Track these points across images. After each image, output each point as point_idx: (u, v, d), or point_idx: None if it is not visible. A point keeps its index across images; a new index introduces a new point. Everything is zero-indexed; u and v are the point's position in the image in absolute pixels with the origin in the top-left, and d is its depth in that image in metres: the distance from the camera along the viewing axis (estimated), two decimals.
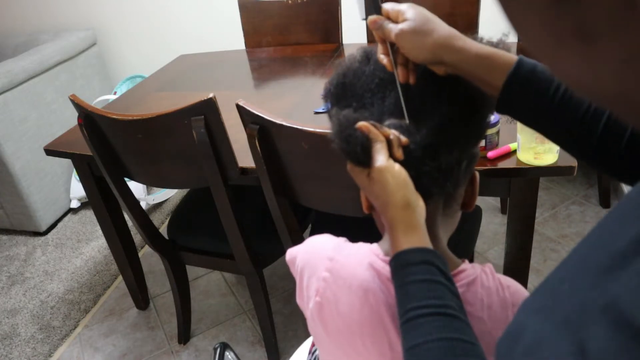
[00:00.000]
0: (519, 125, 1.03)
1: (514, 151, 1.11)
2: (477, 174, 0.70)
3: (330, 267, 0.66)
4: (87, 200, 1.99)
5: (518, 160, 1.08)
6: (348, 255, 0.67)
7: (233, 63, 1.98)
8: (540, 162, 1.06)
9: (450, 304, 0.54)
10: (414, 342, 0.53)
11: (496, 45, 0.65)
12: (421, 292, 0.55)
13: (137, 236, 2.12)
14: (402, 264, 0.57)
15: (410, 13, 0.63)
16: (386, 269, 0.63)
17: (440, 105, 0.63)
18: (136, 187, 2.23)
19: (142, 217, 1.46)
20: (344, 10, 2.03)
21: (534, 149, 1.05)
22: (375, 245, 0.68)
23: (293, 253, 0.72)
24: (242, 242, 1.34)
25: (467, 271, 0.64)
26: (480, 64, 0.61)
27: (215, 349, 1.00)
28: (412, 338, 0.53)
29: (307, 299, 0.68)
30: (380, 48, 0.66)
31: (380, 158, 0.60)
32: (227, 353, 1.01)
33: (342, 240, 0.70)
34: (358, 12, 0.64)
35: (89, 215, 2.45)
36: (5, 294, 2.05)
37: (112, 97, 2.28)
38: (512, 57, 0.62)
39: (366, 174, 0.61)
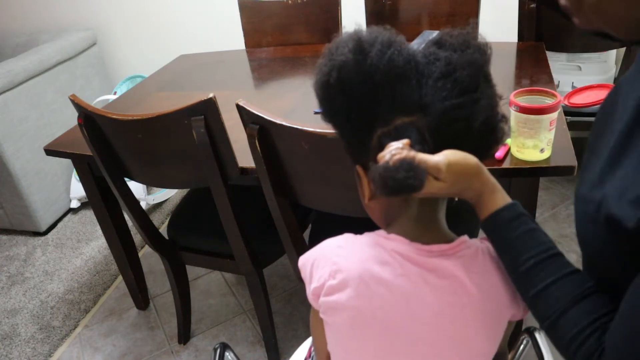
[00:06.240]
0: (512, 115, 1.03)
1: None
2: None
3: (339, 253, 0.69)
4: (87, 200, 1.99)
5: (518, 160, 1.08)
6: (355, 240, 0.71)
7: (233, 63, 1.98)
8: (522, 156, 1.07)
9: (552, 245, 0.63)
10: (544, 283, 0.61)
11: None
12: (529, 242, 0.63)
13: (137, 236, 2.12)
14: (503, 221, 0.65)
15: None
16: (388, 243, 0.67)
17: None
18: (136, 187, 2.23)
19: (142, 217, 1.46)
20: (344, 10, 2.03)
21: (518, 140, 1.06)
22: (378, 231, 0.72)
23: (304, 256, 0.73)
24: (242, 242, 1.34)
25: (467, 242, 0.69)
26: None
27: (215, 349, 1.00)
28: (539, 280, 0.61)
29: (320, 288, 0.69)
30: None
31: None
32: (226, 353, 1.02)
33: (349, 235, 0.73)
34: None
35: (89, 215, 2.45)
36: (5, 294, 2.05)
37: (112, 97, 2.28)
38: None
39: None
